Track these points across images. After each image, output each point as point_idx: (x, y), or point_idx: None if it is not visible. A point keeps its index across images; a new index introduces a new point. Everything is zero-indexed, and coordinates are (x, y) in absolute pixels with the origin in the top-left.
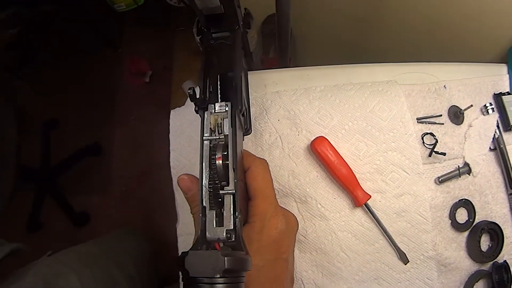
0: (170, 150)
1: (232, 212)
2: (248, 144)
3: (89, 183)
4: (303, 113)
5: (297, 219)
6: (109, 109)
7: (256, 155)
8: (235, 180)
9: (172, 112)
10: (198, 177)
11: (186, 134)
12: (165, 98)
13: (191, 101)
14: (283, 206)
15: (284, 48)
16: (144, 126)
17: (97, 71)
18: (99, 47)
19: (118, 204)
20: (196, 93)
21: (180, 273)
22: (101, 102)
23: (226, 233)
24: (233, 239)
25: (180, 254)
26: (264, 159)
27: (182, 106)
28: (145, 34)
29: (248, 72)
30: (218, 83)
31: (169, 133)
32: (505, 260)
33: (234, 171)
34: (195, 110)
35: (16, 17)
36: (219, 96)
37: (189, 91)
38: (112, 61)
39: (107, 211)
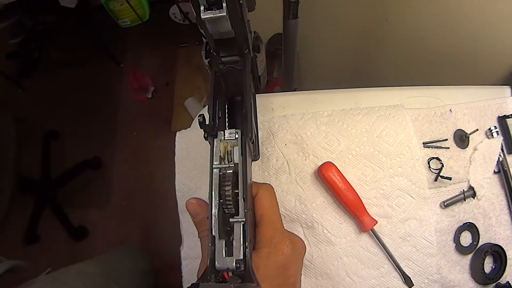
0: (176, 173)
1: (242, 242)
2: (255, 168)
3: (88, 197)
4: (311, 138)
5: None
6: (110, 123)
7: (263, 180)
8: (245, 210)
9: (177, 134)
10: (208, 204)
11: (191, 157)
12: (167, 114)
13: (201, 127)
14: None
15: (289, 68)
16: (145, 142)
17: (99, 84)
18: (102, 61)
19: (117, 219)
20: (206, 119)
21: None
22: (102, 116)
23: (235, 263)
24: (242, 269)
25: (190, 285)
26: (269, 184)
27: (188, 128)
28: (149, 49)
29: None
30: (226, 107)
31: (174, 155)
32: (508, 281)
33: (244, 200)
34: (204, 137)
35: (18, 26)
36: (227, 120)
37: (198, 118)
38: (114, 75)
39: (106, 225)
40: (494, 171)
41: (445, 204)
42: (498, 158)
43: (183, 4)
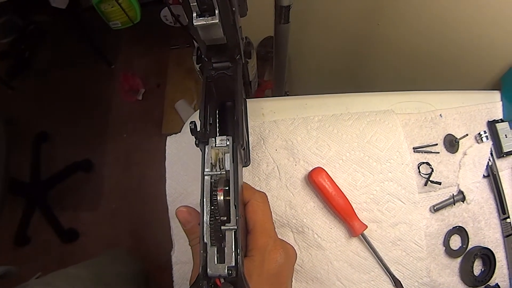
0: (166, 178)
1: (233, 249)
2: (245, 174)
3: (79, 199)
4: (301, 143)
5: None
6: (101, 125)
7: (253, 185)
8: (237, 218)
9: (168, 138)
10: (197, 211)
11: (182, 161)
12: (157, 116)
13: (192, 134)
14: (280, 237)
15: (281, 72)
16: (136, 144)
17: (90, 86)
18: (93, 62)
19: (108, 221)
20: (197, 125)
21: None
22: (93, 117)
23: (227, 270)
24: (234, 275)
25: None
26: (264, 192)
27: (179, 133)
28: (140, 51)
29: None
30: (217, 112)
31: (165, 159)
32: (497, 283)
33: (235, 208)
34: (195, 143)
35: (8, 25)
36: (218, 126)
37: (190, 125)
38: (105, 77)
39: (96, 228)
40: (484, 175)
41: (435, 208)
42: (488, 162)
43: (174, 6)
